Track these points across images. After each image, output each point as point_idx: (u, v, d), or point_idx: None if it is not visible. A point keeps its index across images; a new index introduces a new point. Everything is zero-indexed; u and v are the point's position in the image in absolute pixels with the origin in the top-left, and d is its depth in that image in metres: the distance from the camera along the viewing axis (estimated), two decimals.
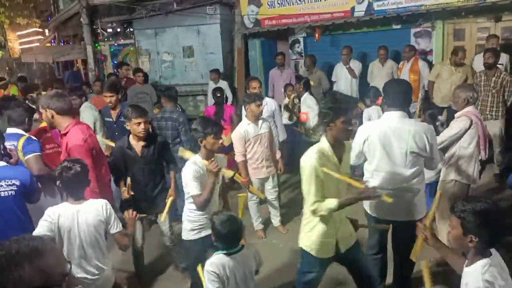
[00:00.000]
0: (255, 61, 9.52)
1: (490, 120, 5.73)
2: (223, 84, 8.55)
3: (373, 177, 3.24)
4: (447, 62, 6.63)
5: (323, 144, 2.81)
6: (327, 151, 2.78)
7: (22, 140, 3.61)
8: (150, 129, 4.03)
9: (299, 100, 6.43)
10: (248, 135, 4.65)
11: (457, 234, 2.06)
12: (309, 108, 6.21)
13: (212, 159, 3.19)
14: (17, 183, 3.07)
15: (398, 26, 7.85)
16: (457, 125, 3.84)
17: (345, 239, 2.98)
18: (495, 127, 5.77)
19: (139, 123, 3.70)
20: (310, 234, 2.94)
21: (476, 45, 7.28)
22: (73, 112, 3.62)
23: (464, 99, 3.88)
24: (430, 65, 7.43)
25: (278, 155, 5.11)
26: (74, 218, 2.79)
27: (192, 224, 3.34)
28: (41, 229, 2.72)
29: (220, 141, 3.25)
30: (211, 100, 7.64)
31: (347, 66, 7.49)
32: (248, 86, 5.46)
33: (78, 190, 2.84)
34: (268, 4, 8.44)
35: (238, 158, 4.69)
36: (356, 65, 7.54)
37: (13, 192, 3.06)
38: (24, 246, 1.11)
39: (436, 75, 6.69)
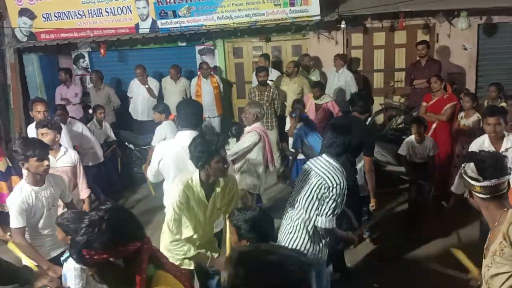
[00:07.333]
0: (34, 78, 8.58)
1: (267, 130, 6.48)
2: None
3: None
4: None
5: (194, 180, 2.78)
6: (196, 187, 2.78)
7: None
8: None
9: None
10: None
11: (235, 240, 2.40)
12: None
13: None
14: None
15: (184, 44, 8.20)
16: (249, 139, 4.23)
17: None
18: (272, 136, 6.51)
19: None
20: None
21: (253, 62, 8.13)
22: None
23: (254, 115, 4.31)
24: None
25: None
26: None
27: None
28: None
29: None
30: None
31: (146, 87, 7.43)
32: (31, 109, 4.70)
33: None
34: (43, 17, 7.70)
35: None
36: (154, 84, 7.54)
37: None
38: None
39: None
